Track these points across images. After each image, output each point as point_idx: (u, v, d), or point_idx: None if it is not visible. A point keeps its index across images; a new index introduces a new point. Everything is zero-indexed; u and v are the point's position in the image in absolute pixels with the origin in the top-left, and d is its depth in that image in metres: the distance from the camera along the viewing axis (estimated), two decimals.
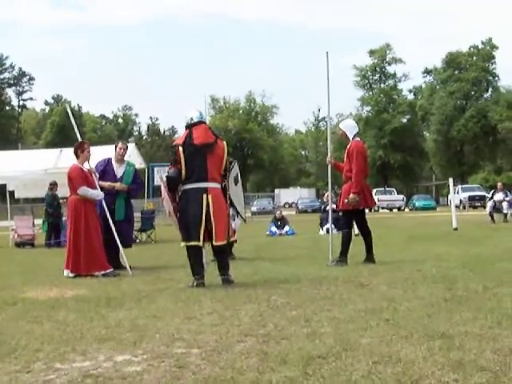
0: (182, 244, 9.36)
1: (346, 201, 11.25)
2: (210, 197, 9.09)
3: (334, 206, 24.88)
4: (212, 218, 9.07)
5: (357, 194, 11.23)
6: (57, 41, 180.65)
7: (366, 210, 12.18)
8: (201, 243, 9.12)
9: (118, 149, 12.97)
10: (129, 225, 12.96)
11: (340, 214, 12.56)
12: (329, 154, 12.00)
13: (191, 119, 9.34)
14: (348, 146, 11.61)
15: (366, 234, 11.63)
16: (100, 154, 11.70)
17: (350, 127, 11.88)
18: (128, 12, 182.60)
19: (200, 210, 9.05)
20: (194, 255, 9.21)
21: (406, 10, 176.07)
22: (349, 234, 11.48)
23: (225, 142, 9.46)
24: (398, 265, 10.72)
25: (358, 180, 11.31)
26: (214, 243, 9.15)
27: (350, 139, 11.59)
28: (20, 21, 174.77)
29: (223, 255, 9.42)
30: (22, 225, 22.89)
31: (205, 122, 9.53)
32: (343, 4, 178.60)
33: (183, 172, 9.15)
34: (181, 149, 9.17)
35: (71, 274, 10.98)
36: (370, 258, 11.41)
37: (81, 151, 11.40)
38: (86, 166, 11.51)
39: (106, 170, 12.69)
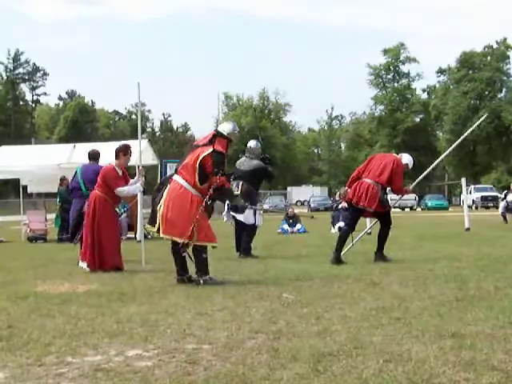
0: None
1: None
2: (169, 186, 9.18)
3: (346, 205, 24.89)
4: (162, 208, 9.11)
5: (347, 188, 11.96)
6: (70, 36, 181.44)
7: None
8: (154, 229, 9.41)
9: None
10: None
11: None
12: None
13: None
14: None
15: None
16: (113, 149, 11.67)
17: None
18: (141, 8, 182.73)
19: (160, 198, 9.20)
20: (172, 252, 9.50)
21: (421, 10, 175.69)
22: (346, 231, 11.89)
23: (210, 150, 9.07)
24: (409, 264, 10.71)
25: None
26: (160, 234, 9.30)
27: None
28: (34, 16, 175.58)
29: (195, 257, 9.26)
30: (34, 219, 22.97)
31: (218, 132, 9.41)
32: (357, 2, 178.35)
33: None
34: None
35: (87, 269, 11.00)
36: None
37: (123, 154, 11.30)
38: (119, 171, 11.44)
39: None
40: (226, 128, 9.47)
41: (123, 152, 11.37)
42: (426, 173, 13.26)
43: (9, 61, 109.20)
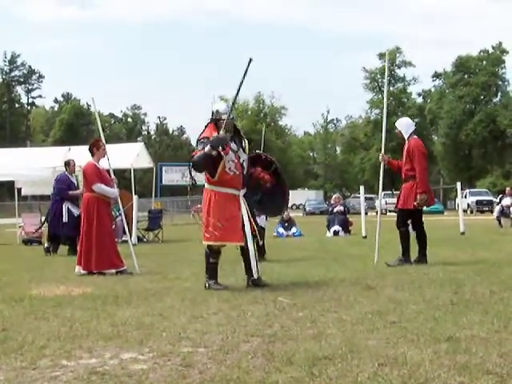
0: None
1: (416, 202, 11.27)
2: None
3: (342, 208, 24.87)
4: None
5: (424, 193, 11.34)
6: (67, 39, 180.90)
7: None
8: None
9: (71, 166, 16.90)
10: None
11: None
12: (382, 151, 11.97)
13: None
14: (407, 145, 11.65)
15: (420, 234, 11.71)
16: (108, 152, 11.73)
17: (405, 126, 11.88)
18: (137, 12, 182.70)
19: None
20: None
21: (416, 14, 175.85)
22: (407, 232, 11.62)
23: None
24: (404, 268, 10.71)
25: (423, 179, 11.40)
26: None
27: (406, 138, 11.64)
28: (31, 19, 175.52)
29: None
30: (29, 222, 22.94)
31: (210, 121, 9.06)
32: (354, 5, 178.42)
33: None
34: None
35: (82, 271, 11.04)
36: (422, 258, 11.48)
37: (96, 148, 11.52)
38: (101, 164, 11.60)
39: (70, 184, 16.61)
40: (214, 109, 9.03)
41: (95, 146, 11.64)
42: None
43: (5, 63, 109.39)
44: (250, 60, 8.61)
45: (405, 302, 7.17)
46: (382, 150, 11.97)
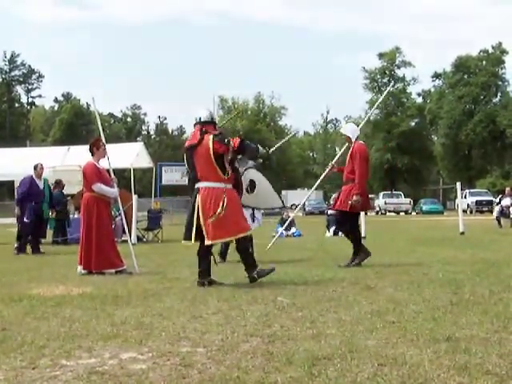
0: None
1: (350, 202, 11.35)
2: (199, 196, 9.16)
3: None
4: (201, 217, 9.11)
5: (360, 195, 11.41)
6: (66, 39, 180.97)
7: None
8: (192, 242, 9.22)
9: (39, 169, 17.40)
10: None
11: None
12: (333, 161, 12.47)
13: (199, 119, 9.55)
14: (351, 148, 11.73)
15: (355, 239, 11.75)
16: (108, 152, 11.70)
17: (351, 131, 12.13)
18: (137, 12, 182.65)
19: (192, 210, 9.23)
20: (197, 254, 9.37)
21: (416, 14, 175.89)
22: (357, 233, 11.74)
23: (211, 137, 9.11)
24: (404, 268, 10.71)
25: (361, 182, 11.52)
26: (205, 242, 9.18)
27: (353, 142, 11.72)
28: (31, 19, 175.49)
29: (242, 254, 9.40)
30: None
31: (202, 123, 9.38)
32: (354, 5, 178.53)
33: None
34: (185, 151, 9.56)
35: (83, 271, 11.04)
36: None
37: (96, 148, 11.50)
38: (101, 164, 11.59)
39: (32, 186, 17.19)
40: (205, 116, 9.59)
41: (95, 146, 11.63)
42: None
43: (5, 63, 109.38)
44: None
45: (404, 302, 7.18)
46: (335, 159, 13.02)
